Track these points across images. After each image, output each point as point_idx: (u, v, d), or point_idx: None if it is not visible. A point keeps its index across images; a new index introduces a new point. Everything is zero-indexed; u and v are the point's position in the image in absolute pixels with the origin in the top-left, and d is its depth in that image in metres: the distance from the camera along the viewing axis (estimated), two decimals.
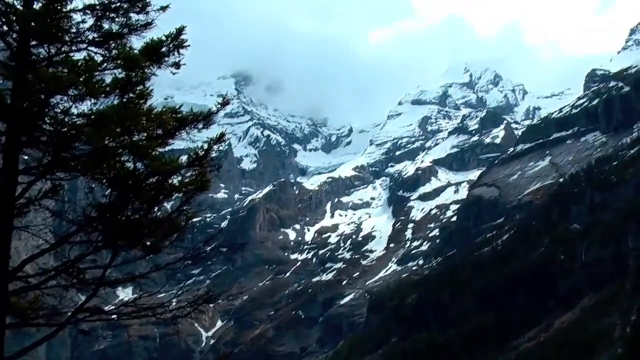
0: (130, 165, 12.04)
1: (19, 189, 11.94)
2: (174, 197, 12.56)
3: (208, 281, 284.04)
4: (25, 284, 12.25)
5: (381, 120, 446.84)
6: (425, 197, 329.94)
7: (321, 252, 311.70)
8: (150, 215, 12.37)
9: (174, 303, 13.47)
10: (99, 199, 12.20)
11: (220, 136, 12.40)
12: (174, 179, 12.27)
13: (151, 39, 12.23)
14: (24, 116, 11.53)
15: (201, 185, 12.38)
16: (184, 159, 12.32)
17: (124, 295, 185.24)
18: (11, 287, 11.94)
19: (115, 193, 12.09)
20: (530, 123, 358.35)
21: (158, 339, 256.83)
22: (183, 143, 12.80)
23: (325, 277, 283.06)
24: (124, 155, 12.02)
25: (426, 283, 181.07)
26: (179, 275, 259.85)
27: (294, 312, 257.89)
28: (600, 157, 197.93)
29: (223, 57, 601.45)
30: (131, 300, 13.18)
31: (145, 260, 12.90)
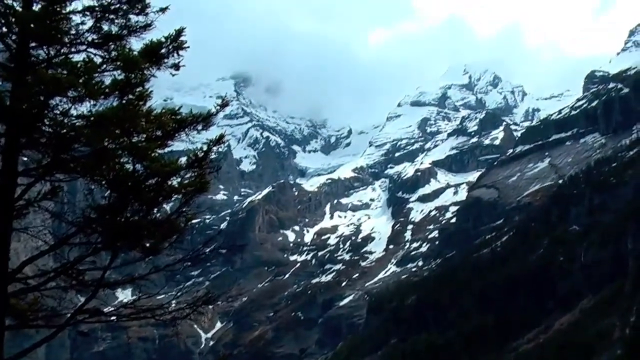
0: (129, 166, 12.04)
1: (19, 191, 11.94)
2: (173, 199, 12.56)
3: (207, 283, 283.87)
4: (24, 286, 12.25)
5: (380, 121, 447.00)
6: (424, 199, 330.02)
7: (320, 254, 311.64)
8: (149, 216, 12.37)
9: (174, 304, 13.47)
10: (98, 201, 12.19)
11: (219, 138, 12.41)
12: (174, 181, 12.27)
13: (150, 41, 12.23)
14: (24, 118, 11.53)
15: (200, 186, 12.38)
16: (184, 161, 12.32)
17: (124, 296, 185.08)
18: (10, 289, 11.94)
19: (114, 194, 12.09)
20: (529, 124, 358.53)
21: (157, 341, 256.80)
22: (182, 144, 12.80)
23: (324, 279, 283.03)
24: (124, 156, 12.02)
25: (425, 284, 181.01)
26: (179, 276, 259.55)
27: (294, 314, 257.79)
28: (599, 159, 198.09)
29: (222, 59, 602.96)
30: (130, 301, 13.17)
31: (144, 261, 12.88)
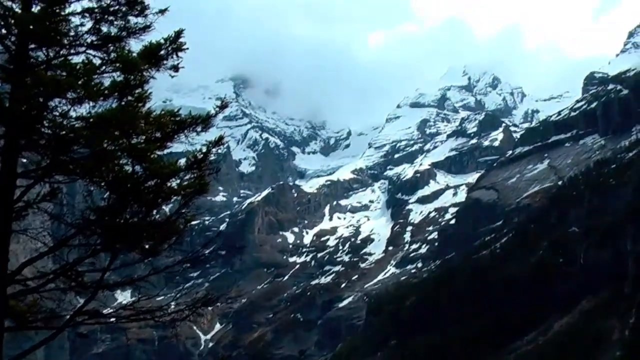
0: (128, 168, 12.04)
1: (18, 192, 11.94)
2: (173, 200, 12.56)
3: (207, 284, 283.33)
4: (23, 287, 12.25)
5: (380, 123, 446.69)
6: (423, 200, 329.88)
7: (320, 255, 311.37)
8: (148, 218, 12.37)
9: (173, 306, 13.48)
10: (98, 202, 12.20)
11: (219, 139, 12.42)
12: (173, 182, 12.28)
13: (150, 42, 12.24)
14: (23, 119, 11.53)
15: (200, 188, 12.39)
16: (183, 162, 12.33)
17: (123, 298, 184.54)
18: (10, 291, 11.93)
19: (113, 196, 12.10)
20: (528, 126, 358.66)
21: (157, 342, 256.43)
22: (182, 146, 12.81)
23: (323, 280, 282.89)
24: (123, 158, 12.03)
25: (425, 286, 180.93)
26: (178, 278, 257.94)
27: (293, 315, 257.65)
28: (598, 160, 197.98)
29: (222, 60, 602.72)
30: (130, 303, 13.18)
31: (143, 263, 12.90)
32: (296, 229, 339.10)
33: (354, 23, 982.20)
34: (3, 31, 11.84)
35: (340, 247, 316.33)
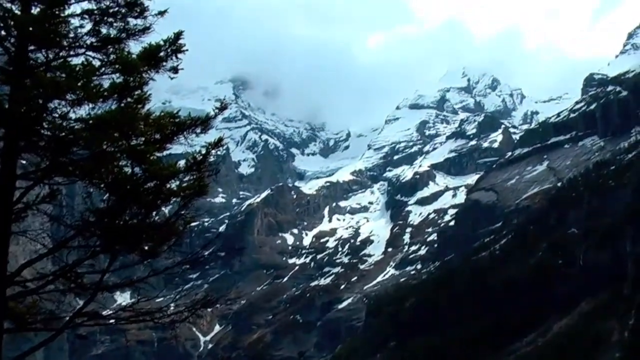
0: (128, 169, 12.05)
1: (17, 194, 11.94)
2: (172, 202, 12.57)
3: (206, 285, 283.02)
4: (23, 289, 12.25)
5: (379, 124, 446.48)
6: (423, 202, 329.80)
7: (319, 257, 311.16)
8: (148, 219, 12.38)
9: (172, 307, 13.47)
10: (97, 204, 12.20)
11: (218, 141, 12.43)
12: (172, 184, 12.28)
13: (149, 44, 12.24)
14: (22, 121, 11.54)
15: (199, 189, 12.40)
16: (182, 164, 12.33)
17: (122, 299, 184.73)
18: (9, 292, 11.94)
19: (113, 198, 12.10)
20: (528, 127, 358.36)
21: (156, 344, 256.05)
22: (181, 147, 12.82)
23: (323, 282, 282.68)
24: (122, 159, 12.04)
25: (424, 287, 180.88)
26: (177, 279, 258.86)
27: (292, 317, 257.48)
28: (598, 162, 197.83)
29: (221, 62, 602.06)
30: (129, 304, 13.18)
31: (143, 264, 12.89)
32: (295, 231, 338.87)
33: (353, 24, 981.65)
34: (2, 33, 11.84)
35: (339, 249, 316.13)
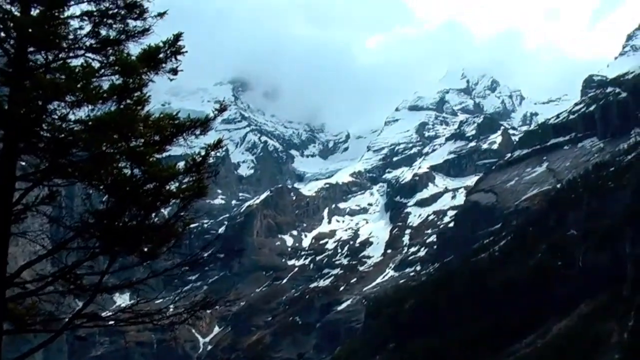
0: (127, 171, 12.05)
1: (17, 195, 11.94)
2: (172, 203, 12.57)
3: (205, 287, 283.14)
4: (22, 290, 12.25)
5: (378, 126, 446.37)
6: (422, 203, 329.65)
7: (318, 258, 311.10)
8: (147, 221, 12.38)
9: (171, 309, 13.47)
10: (96, 205, 12.21)
11: (217, 142, 12.43)
12: (172, 185, 12.28)
13: (149, 45, 12.25)
14: (22, 122, 11.54)
15: (198, 191, 12.40)
16: (182, 165, 12.33)
17: (121, 301, 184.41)
18: (8, 293, 11.94)
19: (112, 199, 12.10)
20: (527, 129, 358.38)
21: (155, 345, 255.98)
22: (180, 149, 12.81)
23: (322, 283, 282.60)
24: (122, 161, 12.04)
25: (423, 289, 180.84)
26: (177, 281, 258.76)
27: (291, 318, 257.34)
28: (597, 163, 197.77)
29: (220, 63, 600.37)
30: (128, 306, 13.18)
31: (142, 266, 12.90)
32: (295, 232, 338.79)
33: (353, 25, 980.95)
34: (2, 34, 11.84)
35: (339, 250, 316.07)
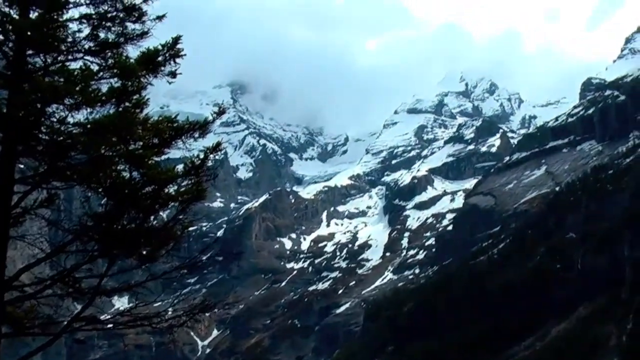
0: (126, 174, 12.04)
1: (15, 198, 11.93)
2: (170, 206, 12.56)
3: (204, 290, 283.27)
4: (21, 293, 12.24)
5: (377, 129, 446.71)
6: (421, 206, 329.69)
7: (317, 261, 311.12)
8: (146, 224, 12.37)
9: (170, 312, 13.46)
10: (95, 208, 12.19)
11: (216, 145, 12.43)
12: (170, 188, 12.27)
13: (147, 48, 12.24)
14: (20, 125, 11.53)
15: (197, 194, 12.39)
16: (180, 168, 12.31)
17: (120, 304, 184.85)
18: (7, 297, 11.93)
19: (111, 202, 12.09)
20: (526, 132, 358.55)
21: (154, 348, 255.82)
22: (179, 152, 12.81)
23: (321, 286, 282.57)
24: (120, 164, 12.03)
25: (422, 292, 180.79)
26: (175, 284, 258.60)
27: (290, 321, 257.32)
28: (596, 166, 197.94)
29: (219, 66, 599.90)
30: (127, 309, 13.19)
31: (141, 269, 12.88)
32: (293, 235, 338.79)
33: (351, 29, 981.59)
34: (1, 37, 11.84)
35: (337, 253, 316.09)
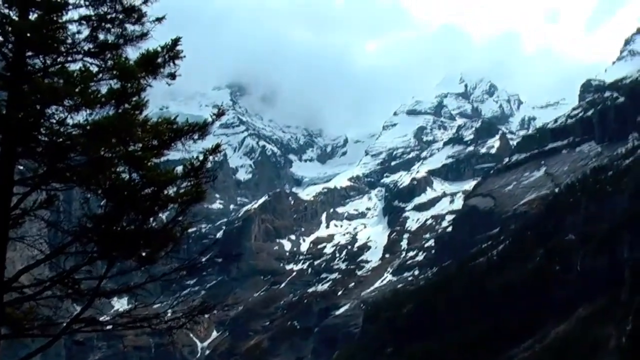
0: (125, 175, 12.04)
1: (15, 200, 11.92)
2: (170, 208, 12.55)
3: (203, 292, 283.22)
4: (20, 295, 12.23)
5: (376, 130, 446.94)
6: (420, 208, 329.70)
7: (316, 263, 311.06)
8: (145, 226, 12.36)
9: (169, 314, 13.46)
10: (95, 210, 12.19)
11: (215, 147, 12.42)
12: (170, 190, 12.27)
13: (147, 50, 12.24)
14: (20, 127, 11.52)
15: (197, 195, 12.38)
16: (180, 170, 12.31)
17: (119, 305, 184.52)
18: (6, 298, 11.92)
19: (110, 204, 12.08)
20: (525, 133, 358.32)
21: (153, 350, 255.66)
22: (179, 154, 12.79)
23: (320, 288, 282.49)
24: (120, 165, 12.03)
25: (422, 293, 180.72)
26: (174, 286, 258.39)
27: (289, 323, 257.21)
28: (595, 167, 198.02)
29: (218, 68, 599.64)
30: (126, 310, 13.19)
31: (140, 271, 12.88)
32: (293, 237, 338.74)
33: (351, 30, 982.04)
34: (0, 38, 11.84)
35: (337, 255, 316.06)
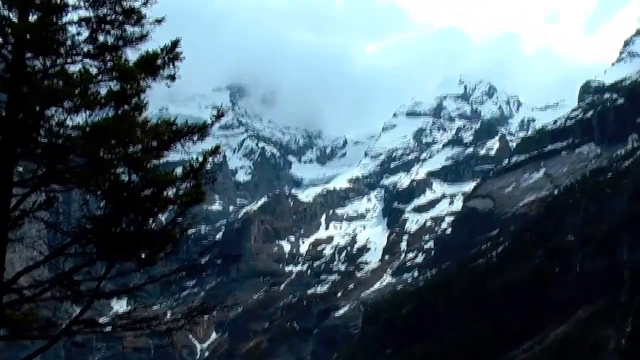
0: (125, 177, 12.03)
1: (14, 201, 11.92)
2: (169, 209, 12.55)
3: (202, 293, 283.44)
4: (19, 296, 12.23)
5: (376, 132, 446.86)
6: (420, 209, 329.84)
7: (316, 264, 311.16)
8: (145, 227, 12.35)
9: (169, 315, 13.46)
10: (94, 211, 12.18)
11: (215, 148, 12.41)
12: (169, 191, 12.26)
13: (146, 52, 12.24)
14: (19, 128, 11.52)
15: (196, 197, 12.38)
16: (179, 171, 12.31)
17: (119, 307, 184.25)
18: (5, 299, 11.92)
19: (110, 205, 12.08)
20: (524, 135, 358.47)
21: (152, 351, 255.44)
22: (178, 155, 12.78)
23: (320, 289, 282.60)
24: (119, 167, 12.02)
25: (421, 294, 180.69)
26: (174, 287, 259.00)
27: (289, 324, 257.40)
28: (594, 169, 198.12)
29: (218, 69, 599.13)
30: (126, 312, 13.17)
31: (139, 272, 12.87)
32: (292, 238, 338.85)
33: (350, 32, 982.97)
34: (0, 40, 11.84)
35: (336, 256, 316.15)
